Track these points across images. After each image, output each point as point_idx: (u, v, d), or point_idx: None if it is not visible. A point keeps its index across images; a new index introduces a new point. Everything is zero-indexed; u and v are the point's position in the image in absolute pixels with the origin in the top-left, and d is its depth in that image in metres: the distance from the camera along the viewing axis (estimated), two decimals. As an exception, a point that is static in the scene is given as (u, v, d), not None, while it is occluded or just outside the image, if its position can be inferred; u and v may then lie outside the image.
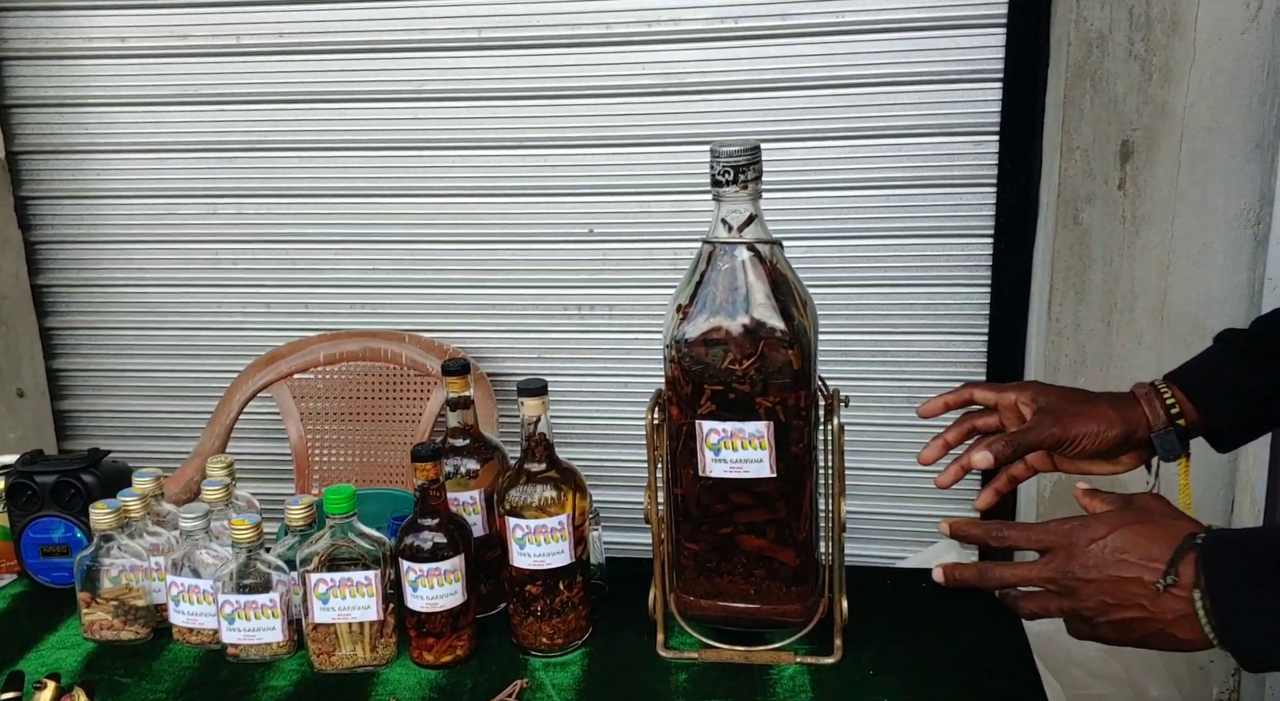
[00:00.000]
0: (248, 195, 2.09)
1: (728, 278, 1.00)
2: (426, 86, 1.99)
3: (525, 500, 1.07)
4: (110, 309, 2.21)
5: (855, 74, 1.87)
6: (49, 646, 1.14)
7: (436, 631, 1.07)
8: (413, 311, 2.10)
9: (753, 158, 0.98)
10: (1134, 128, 1.69)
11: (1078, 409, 0.94)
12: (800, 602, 1.06)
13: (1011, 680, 1.03)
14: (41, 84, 2.10)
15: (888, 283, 1.95)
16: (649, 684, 1.05)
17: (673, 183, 1.97)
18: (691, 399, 1.02)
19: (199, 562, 1.11)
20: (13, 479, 1.22)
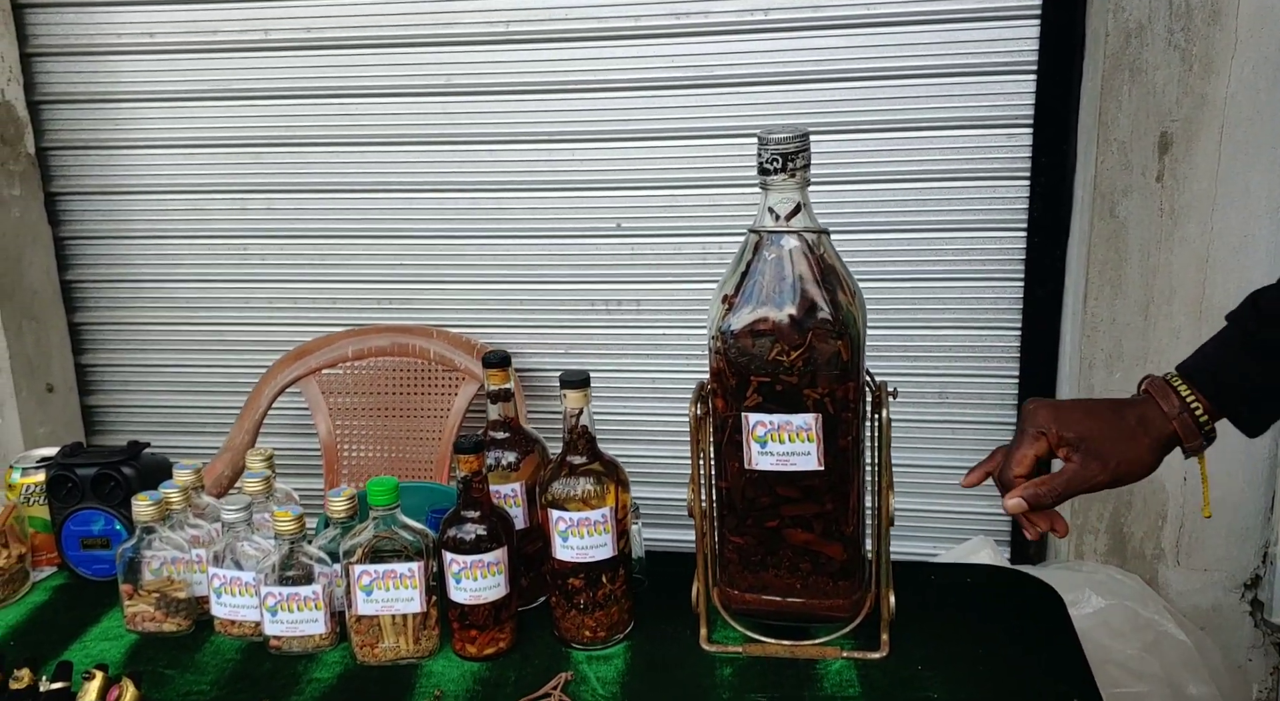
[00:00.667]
0: (276, 190, 2.09)
1: (775, 267, 0.99)
2: (455, 81, 1.98)
3: (568, 492, 1.06)
4: (139, 304, 2.21)
5: (886, 66, 1.85)
6: (92, 637, 1.14)
7: (479, 624, 1.07)
8: (441, 307, 2.10)
9: (802, 145, 0.97)
10: (1173, 119, 1.67)
11: (1113, 446, 0.89)
12: (846, 597, 1.05)
13: (1061, 675, 1.01)
14: (71, 80, 2.10)
15: (920, 277, 1.94)
16: (694, 677, 1.04)
17: (701, 176, 1.96)
18: (737, 391, 1.01)
19: (241, 554, 1.10)
20: (54, 471, 1.22)
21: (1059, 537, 0.96)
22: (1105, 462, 0.87)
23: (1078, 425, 0.89)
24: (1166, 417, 0.89)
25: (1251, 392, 0.89)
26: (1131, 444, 0.88)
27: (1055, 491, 0.89)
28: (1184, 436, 0.89)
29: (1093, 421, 0.89)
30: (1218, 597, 1.83)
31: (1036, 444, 0.91)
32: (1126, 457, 0.88)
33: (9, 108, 2.07)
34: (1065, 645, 1.06)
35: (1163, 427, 0.89)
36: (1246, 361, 0.88)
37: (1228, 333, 0.92)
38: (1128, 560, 1.84)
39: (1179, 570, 1.83)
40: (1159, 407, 0.89)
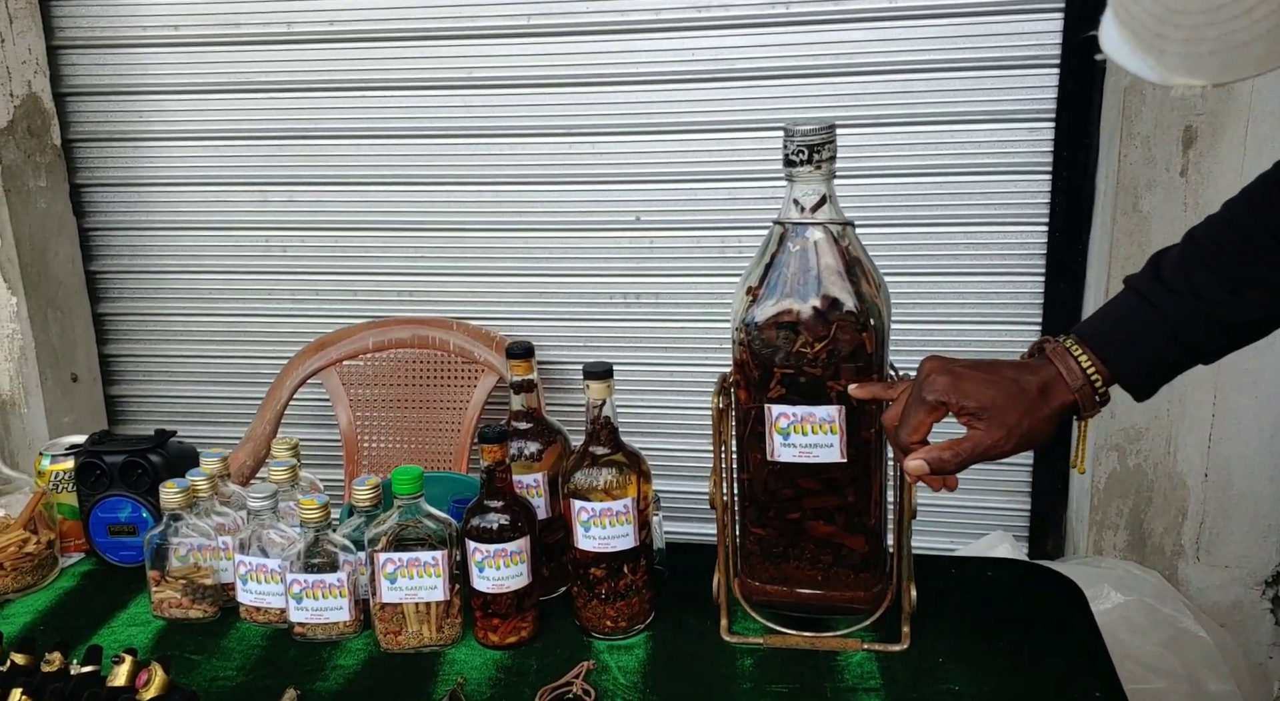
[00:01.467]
0: (298, 183, 2.11)
1: (799, 259, 0.99)
2: (476, 74, 1.99)
3: (590, 483, 1.07)
4: (162, 295, 2.23)
5: (908, 60, 1.85)
6: (120, 623, 1.16)
7: (502, 612, 1.08)
8: (460, 299, 2.11)
9: (828, 137, 0.97)
10: (1198, 113, 1.65)
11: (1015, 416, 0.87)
12: (867, 589, 1.05)
13: (1083, 669, 1.01)
14: (96, 72, 2.12)
15: (940, 271, 1.93)
16: (714, 668, 1.04)
17: (721, 170, 1.96)
18: (760, 382, 1.01)
19: (266, 542, 1.12)
20: (82, 459, 1.24)
21: (949, 491, 0.95)
22: (1009, 432, 0.87)
23: (979, 394, 0.88)
24: (1068, 387, 0.88)
25: (1147, 358, 0.88)
26: (1033, 413, 0.87)
27: (959, 457, 0.89)
28: (1084, 406, 0.88)
29: (994, 391, 0.88)
30: (1238, 594, 1.82)
31: (934, 413, 0.90)
32: (1029, 427, 0.87)
33: (36, 100, 2.09)
34: (1087, 639, 1.06)
35: (1063, 397, 0.88)
36: (1142, 328, 0.87)
37: (1127, 297, 0.90)
38: (1147, 556, 1.83)
39: (1199, 566, 1.82)
40: (1061, 377, 0.88)
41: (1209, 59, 0.58)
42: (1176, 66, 0.59)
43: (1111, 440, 1.81)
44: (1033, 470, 1.98)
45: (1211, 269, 0.86)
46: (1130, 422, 1.80)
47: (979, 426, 0.88)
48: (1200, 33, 0.57)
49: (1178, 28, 0.58)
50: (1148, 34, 0.60)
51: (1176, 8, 0.58)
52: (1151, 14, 0.59)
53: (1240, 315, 0.86)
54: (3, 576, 1.20)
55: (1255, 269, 0.85)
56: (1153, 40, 0.59)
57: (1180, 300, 0.86)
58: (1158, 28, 0.59)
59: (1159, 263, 0.90)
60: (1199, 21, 0.57)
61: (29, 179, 2.09)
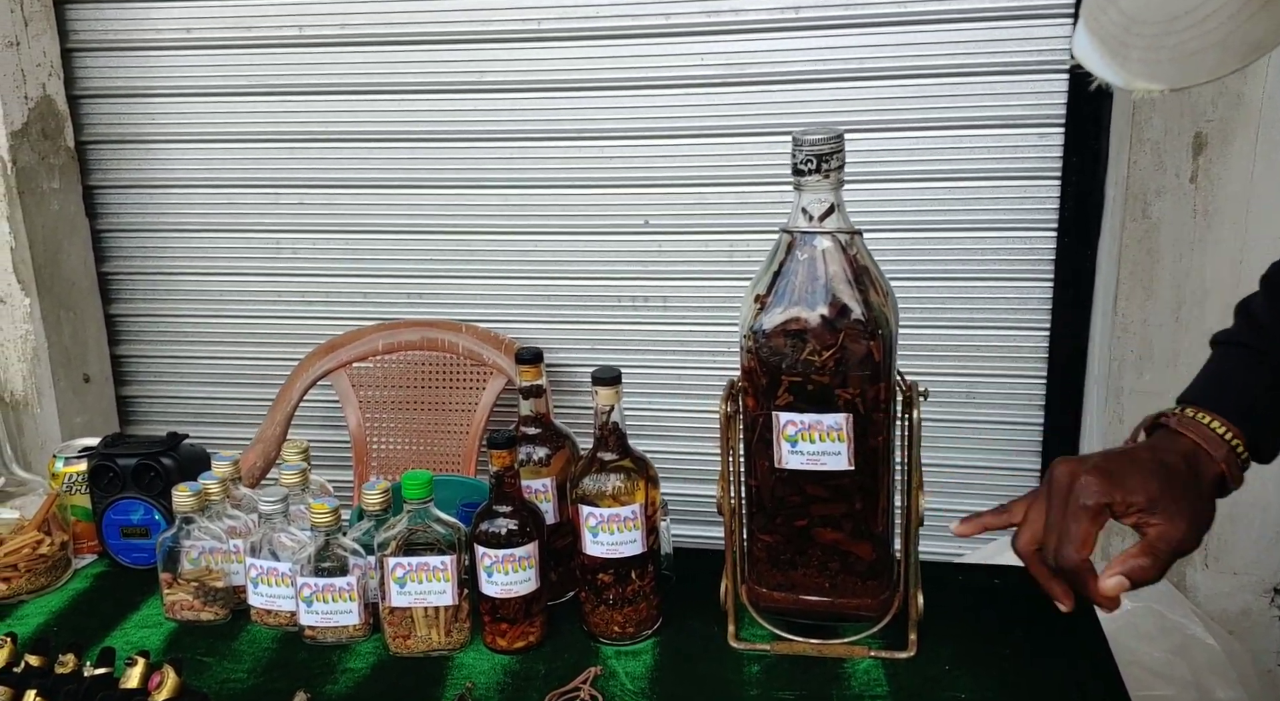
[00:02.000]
0: (309, 185, 2.12)
1: (807, 267, 0.99)
2: (486, 78, 2.00)
3: (598, 489, 1.07)
4: (173, 296, 2.25)
5: (917, 65, 1.85)
6: (132, 625, 1.17)
7: (510, 617, 1.08)
8: (469, 302, 2.12)
9: (836, 146, 0.97)
10: (1208, 119, 1.65)
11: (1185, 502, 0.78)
12: (875, 597, 1.06)
13: (1090, 676, 1.02)
14: (109, 75, 2.14)
15: (948, 276, 1.93)
16: (721, 674, 1.05)
17: (730, 174, 1.96)
18: (768, 390, 1.01)
19: (277, 545, 1.12)
20: (95, 461, 1.25)
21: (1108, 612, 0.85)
22: (1190, 520, 0.77)
23: (1144, 488, 0.78)
24: (1213, 458, 0.80)
25: (1274, 412, 0.82)
26: (1197, 493, 0.79)
27: (1160, 563, 0.77)
28: (1231, 477, 0.81)
29: (1155, 481, 0.78)
30: (1247, 602, 1.81)
31: (1099, 518, 0.79)
32: (1199, 509, 0.78)
33: (49, 102, 2.10)
34: (1094, 647, 1.06)
35: (1212, 468, 0.80)
36: (1259, 380, 0.82)
37: (1228, 355, 0.85)
38: (1155, 563, 1.83)
39: (1208, 573, 1.81)
40: (1203, 450, 0.80)
41: (1167, 66, 0.61)
42: (1138, 72, 0.63)
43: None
44: (1040, 476, 1.98)
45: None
46: (1139, 429, 1.79)
47: (1155, 521, 0.78)
48: (1159, 42, 0.61)
49: (1139, 37, 0.62)
50: (1113, 42, 0.63)
51: (1138, 18, 0.62)
52: (1116, 24, 0.63)
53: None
54: (17, 577, 1.21)
55: None
56: (1117, 48, 0.63)
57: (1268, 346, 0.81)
58: (1122, 36, 0.63)
59: (1247, 310, 0.85)
60: (1158, 31, 0.61)
61: (42, 181, 2.11)
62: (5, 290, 2.10)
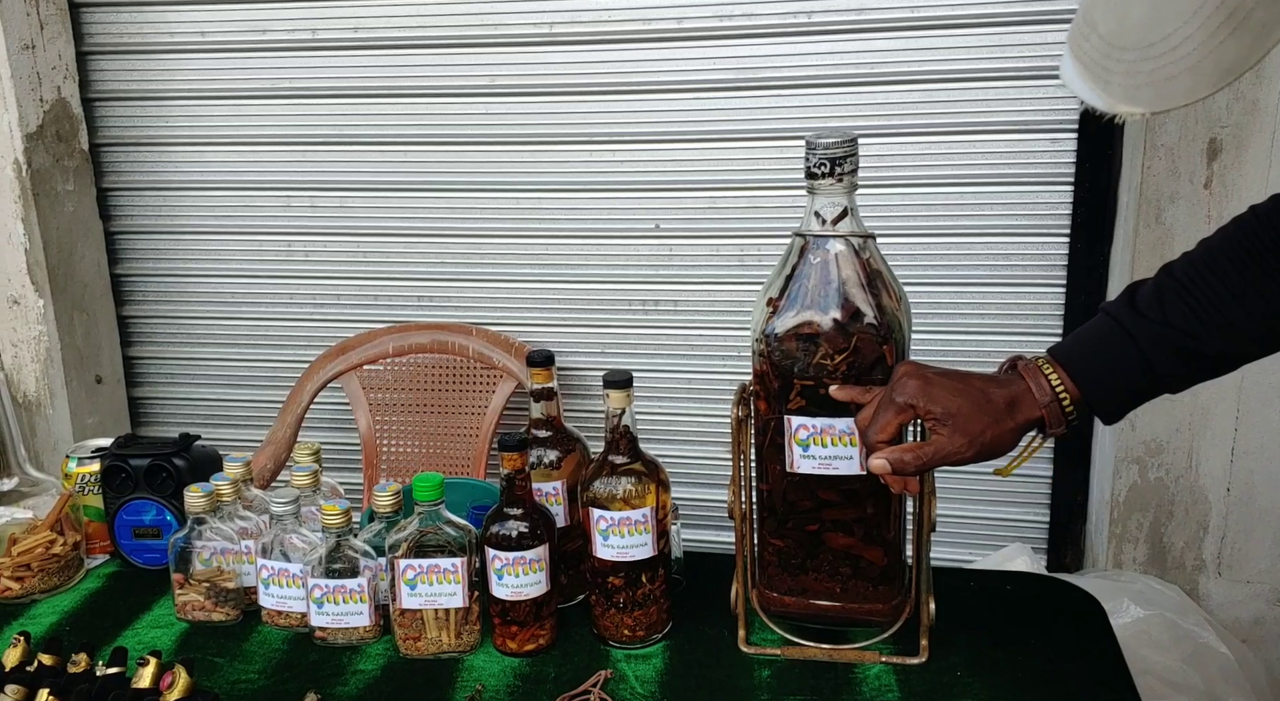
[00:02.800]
0: (321, 189, 2.13)
1: (820, 271, 0.99)
2: (498, 82, 2.00)
3: (609, 492, 1.07)
4: (185, 299, 2.26)
5: (929, 70, 1.85)
6: (144, 625, 1.17)
7: (520, 620, 1.08)
8: (480, 305, 2.12)
9: (850, 150, 0.97)
10: (1222, 125, 1.65)
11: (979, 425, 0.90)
12: (886, 602, 1.05)
13: (1103, 683, 1.01)
14: (124, 78, 2.15)
15: (960, 282, 1.93)
16: (732, 679, 1.04)
17: (741, 179, 1.96)
18: (780, 394, 1.01)
19: (289, 546, 1.13)
20: (108, 462, 1.25)
21: (911, 496, 0.99)
22: (971, 440, 0.90)
23: (946, 401, 0.91)
24: (1036, 403, 0.91)
25: (1116, 383, 0.91)
26: (997, 425, 0.90)
27: (920, 460, 0.91)
28: (1050, 422, 0.91)
29: (961, 399, 0.91)
30: (1260, 610, 1.80)
31: (902, 414, 0.92)
32: (991, 437, 0.90)
33: (64, 105, 2.12)
34: (1107, 654, 1.06)
35: (1030, 412, 0.91)
36: (1115, 353, 0.90)
37: (1101, 321, 0.93)
38: (1167, 570, 1.82)
39: (1221, 582, 1.80)
40: (1030, 393, 0.91)
41: (1146, 90, 0.65)
42: (1119, 96, 0.67)
43: (1132, 453, 1.80)
44: (1052, 482, 1.97)
45: (1185, 303, 0.89)
46: (1151, 436, 1.78)
47: (943, 432, 0.91)
48: (1137, 67, 0.65)
49: (1119, 62, 0.66)
50: (1096, 68, 0.68)
51: (1118, 44, 0.66)
52: (1098, 50, 0.67)
53: (1209, 347, 0.89)
54: (30, 577, 1.22)
55: (1227, 310, 0.88)
56: (1100, 73, 0.68)
57: (1152, 328, 0.89)
58: (1103, 62, 0.67)
59: (1134, 291, 0.93)
60: (1136, 57, 0.65)
61: (57, 183, 2.12)
62: (19, 291, 2.11)
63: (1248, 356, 0.91)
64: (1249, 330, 0.89)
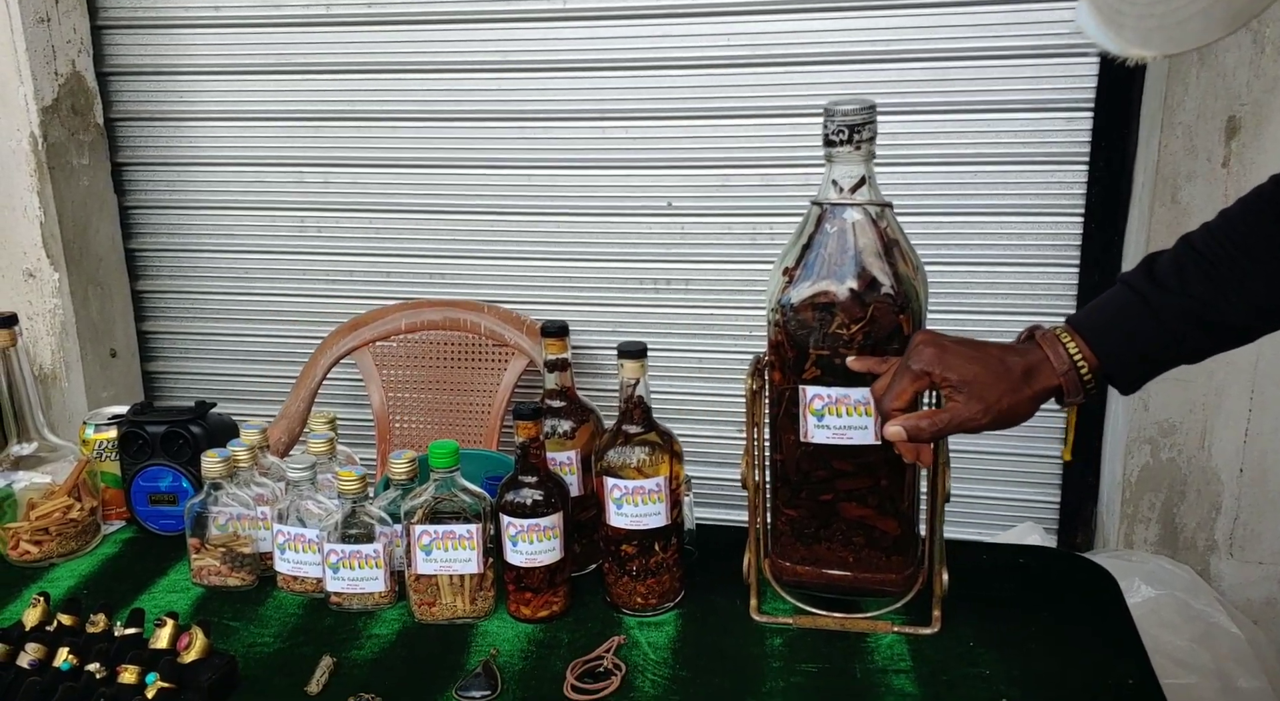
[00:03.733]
0: (334, 164, 2.13)
1: (837, 240, 0.99)
2: (511, 58, 2.00)
3: (623, 461, 1.08)
4: (199, 273, 2.27)
5: (944, 47, 1.83)
6: (160, 589, 1.18)
7: (534, 586, 1.09)
8: (492, 282, 2.12)
9: (868, 117, 0.97)
10: (1242, 103, 1.63)
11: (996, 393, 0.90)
12: (899, 572, 1.06)
13: (1116, 656, 1.01)
14: (139, 52, 2.15)
15: (972, 261, 1.92)
16: (744, 646, 1.05)
17: (754, 156, 1.96)
18: (795, 364, 1.01)
19: (304, 512, 1.13)
20: (125, 428, 1.26)
21: (924, 467, 0.99)
22: (987, 407, 0.90)
23: (962, 368, 0.90)
24: (1054, 371, 0.91)
25: (1135, 354, 0.91)
26: (1014, 393, 0.90)
27: (935, 427, 0.91)
28: (1068, 391, 0.91)
29: (978, 367, 0.90)
30: (1272, 591, 1.80)
31: (918, 382, 0.92)
32: (1008, 405, 0.90)
33: (79, 79, 2.12)
34: (1120, 627, 1.06)
35: (1048, 380, 0.91)
36: (1134, 323, 0.90)
37: (1119, 291, 0.93)
38: (1179, 551, 1.82)
39: (1232, 562, 1.80)
40: (1049, 361, 0.91)
41: (1158, 34, 0.66)
42: (1132, 39, 0.68)
43: (1145, 433, 1.79)
44: (1063, 462, 1.97)
45: (1204, 273, 0.89)
46: (1164, 416, 1.78)
47: (959, 399, 0.91)
48: (1150, 10, 0.67)
49: (1133, 5, 0.68)
50: (1110, 11, 0.69)
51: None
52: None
53: (1229, 318, 0.89)
54: (48, 541, 1.23)
55: (1247, 280, 0.88)
56: (1113, 16, 0.69)
57: (1171, 298, 0.89)
58: (1117, 5, 0.69)
59: (1153, 262, 0.93)
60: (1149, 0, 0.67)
61: (72, 157, 2.13)
62: (35, 265, 2.13)
63: (1268, 327, 0.90)
64: (1270, 300, 0.88)
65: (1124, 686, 0.97)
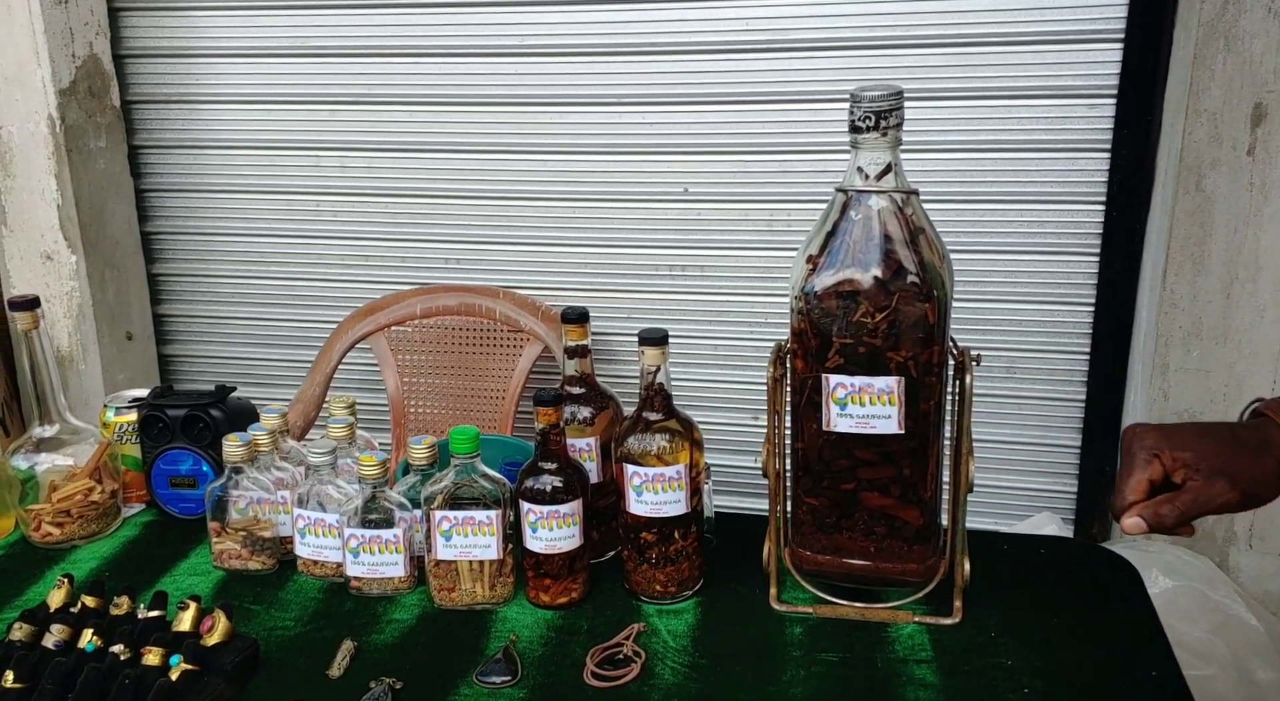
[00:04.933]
0: (350, 148, 2.12)
1: (862, 227, 0.98)
2: (529, 42, 1.98)
3: (644, 448, 1.07)
4: (215, 257, 2.27)
5: (965, 33, 1.81)
6: (182, 572, 1.19)
7: (554, 573, 1.09)
8: (507, 267, 2.12)
9: (895, 104, 0.96)
10: (1269, 90, 1.61)
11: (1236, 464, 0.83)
12: (920, 562, 1.05)
13: (1139, 647, 1.01)
14: (155, 35, 2.15)
15: (992, 248, 1.91)
16: (764, 635, 1.05)
17: (771, 142, 1.94)
18: (818, 352, 1.01)
19: (324, 497, 1.14)
20: (145, 412, 1.26)
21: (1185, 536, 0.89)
22: (1233, 480, 0.82)
23: (1193, 445, 0.84)
24: None
25: None
26: (1256, 463, 0.83)
27: (1179, 511, 0.82)
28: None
29: (1208, 441, 0.84)
30: (1290, 584, 1.79)
31: (1149, 467, 0.85)
32: (1254, 475, 0.82)
33: (96, 61, 2.12)
34: (1143, 618, 1.05)
35: None
36: None
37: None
38: (1197, 542, 1.81)
39: (1252, 554, 1.79)
40: (1273, 423, 0.84)
41: None
42: None
43: (1164, 424, 1.78)
44: (1080, 452, 1.96)
45: None
46: (1185, 406, 1.77)
47: (1196, 479, 0.83)
48: None
49: None
50: None
51: None
52: None
53: None
54: (69, 523, 1.23)
55: None
56: None
57: None
58: None
59: None
60: None
61: (89, 139, 2.13)
62: (52, 247, 2.13)
63: None
64: None
65: (1147, 678, 0.96)
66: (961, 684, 0.96)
